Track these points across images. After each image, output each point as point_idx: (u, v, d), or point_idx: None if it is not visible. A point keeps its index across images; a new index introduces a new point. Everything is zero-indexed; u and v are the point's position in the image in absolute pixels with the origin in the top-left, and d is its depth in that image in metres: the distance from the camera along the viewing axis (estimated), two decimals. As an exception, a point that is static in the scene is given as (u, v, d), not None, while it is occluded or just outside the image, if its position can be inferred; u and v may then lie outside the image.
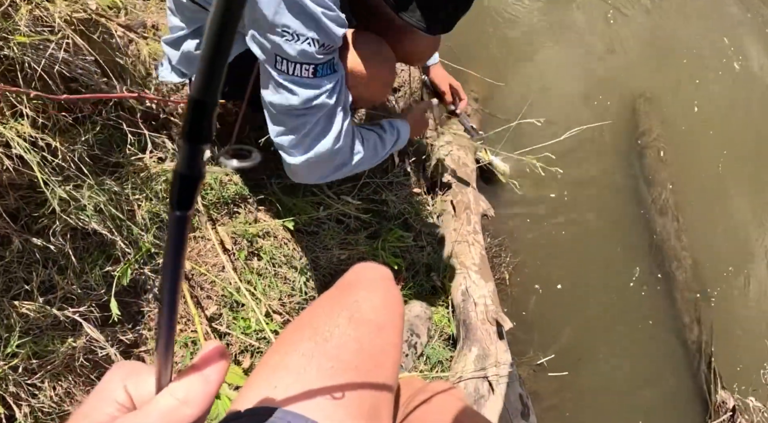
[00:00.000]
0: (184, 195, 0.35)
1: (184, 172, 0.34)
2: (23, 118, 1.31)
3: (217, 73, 0.31)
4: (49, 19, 1.35)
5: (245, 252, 1.76)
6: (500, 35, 2.78)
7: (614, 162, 2.71)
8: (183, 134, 0.33)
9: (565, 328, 2.28)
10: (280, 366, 0.75)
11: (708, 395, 2.36)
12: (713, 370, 2.38)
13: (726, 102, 3.04)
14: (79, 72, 1.45)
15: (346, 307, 0.89)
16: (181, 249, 0.37)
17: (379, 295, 0.94)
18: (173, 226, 0.36)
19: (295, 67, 1.18)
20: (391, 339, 0.89)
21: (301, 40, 1.13)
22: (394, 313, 0.94)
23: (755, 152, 2.98)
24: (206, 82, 0.31)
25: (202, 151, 0.33)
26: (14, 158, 1.26)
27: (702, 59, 3.11)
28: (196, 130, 0.33)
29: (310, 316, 0.90)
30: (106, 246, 1.52)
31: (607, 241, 2.52)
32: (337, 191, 1.93)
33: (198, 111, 0.32)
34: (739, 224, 2.79)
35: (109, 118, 1.55)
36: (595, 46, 2.95)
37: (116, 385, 0.44)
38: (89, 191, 1.43)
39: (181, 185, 0.34)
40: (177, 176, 0.34)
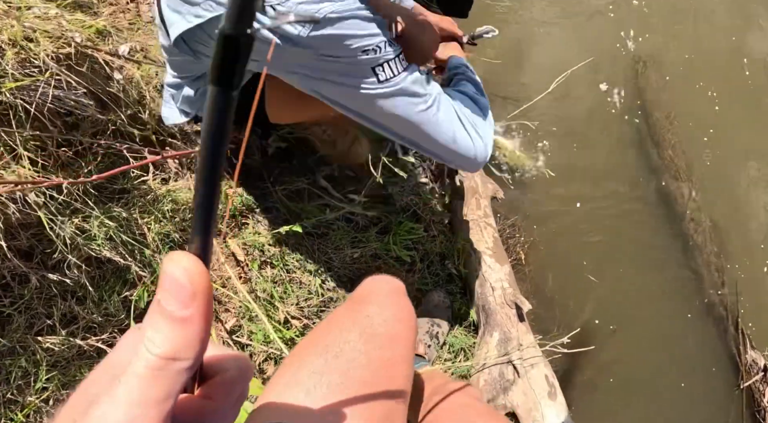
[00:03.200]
0: (229, 63, 0.28)
1: (232, 31, 0.27)
2: (23, 160, 1.34)
3: None
4: (36, 59, 1.37)
5: (258, 262, 1.79)
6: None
7: (621, 130, 2.65)
8: None
9: (587, 302, 2.26)
10: (291, 382, 0.77)
11: (738, 356, 2.32)
12: (741, 331, 2.34)
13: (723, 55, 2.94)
14: (72, 106, 1.47)
15: (357, 323, 0.91)
16: (221, 139, 0.30)
17: (390, 309, 0.96)
18: (213, 107, 0.29)
19: (397, 61, 1.19)
20: (402, 352, 0.90)
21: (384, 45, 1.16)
22: (406, 327, 0.95)
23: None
24: None
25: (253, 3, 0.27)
26: (19, 200, 1.29)
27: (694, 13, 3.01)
28: None
29: (322, 332, 0.92)
30: (121, 272, 1.56)
31: (621, 211, 2.47)
32: (343, 192, 1.94)
33: None
34: (755, 179, 2.70)
35: (109, 147, 1.57)
36: (588, 17, 2.87)
37: (128, 349, 0.38)
38: (98, 221, 1.47)
39: (225, 50, 0.28)
40: (221, 39, 0.28)
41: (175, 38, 1.26)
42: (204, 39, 1.27)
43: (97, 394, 0.33)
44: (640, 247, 2.44)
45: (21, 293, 1.36)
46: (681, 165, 2.59)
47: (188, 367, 0.32)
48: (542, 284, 2.25)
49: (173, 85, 1.52)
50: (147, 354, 0.32)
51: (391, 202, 2.01)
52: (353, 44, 1.13)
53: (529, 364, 1.70)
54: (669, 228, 2.52)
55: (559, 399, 1.65)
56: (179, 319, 0.31)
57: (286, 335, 1.68)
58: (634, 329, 2.28)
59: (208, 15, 1.18)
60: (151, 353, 0.31)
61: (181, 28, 1.23)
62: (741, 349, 2.30)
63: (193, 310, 0.32)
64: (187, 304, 0.31)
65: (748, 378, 2.24)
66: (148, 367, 0.31)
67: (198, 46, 1.31)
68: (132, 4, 1.80)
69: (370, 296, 1.01)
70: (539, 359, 1.71)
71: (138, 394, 0.31)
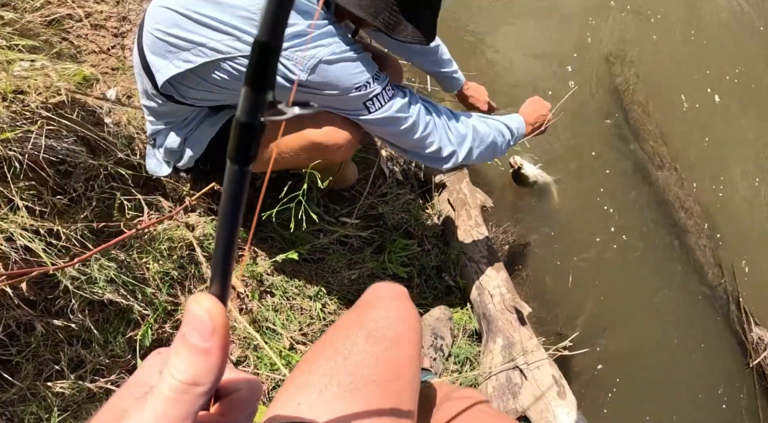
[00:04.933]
0: (245, 146, 0.33)
1: (246, 119, 0.32)
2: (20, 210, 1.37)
3: (284, 16, 0.31)
4: (27, 110, 1.41)
5: (258, 292, 1.81)
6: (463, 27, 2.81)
7: (601, 127, 2.71)
8: (247, 79, 0.32)
9: (587, 298, 2.29)
10: (303, 384, 0.80)
11: (743, 335, 2.35)
12: (743, 310, 2.37)
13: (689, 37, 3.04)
14: (65, 153, 1.51)
15: (364, 326, 0.94)
16: (238, 206, 0.36)
17: (394, 311, 1.00)
18: (232, 181, 0.35)
19: (383, 93, 1.35)
20: (408, 351, 0.93)
21: (372, 80, 1.33)
22: (410, 328, 0.99)
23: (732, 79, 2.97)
24: (272, 23, 0.31)
25: (265, 98, 0.32)
26: (20, 249, 1.32)
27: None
28: (261, 75, 0.32)
29: (331, 337, 0.95)
30: (124, 312, 1.57)
31: (610, 204, 2.53)
32: (336, 215, 1.97)
33: (263, 55, 0.31)
34: (735, 155, 2.77)
35: (102, 191, 1.60)
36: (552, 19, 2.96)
37: (152, 370, 0.44)
38: (97, 264, 1.49)
39: (242, 135, 0.33)
40: (237, 125, 0.33)
41: (162, 83, 1.31)
42: (194, 82, 1.33)
43: (126, 410, 0.39)
44: (635, 241, 2.48)
45: (27, 341, 1.37)
46: (664, 154, 2.65)
47: (207, 391, 0.38)
48: (541, 286, 2.28)
49: (154, 134, 1.58)
50: (171, 379, 0.37)
51: (382, 222, 2.04)
52: (346, 83, 1.28)
53: (535, 367, 1.71)
54: (662, 218, 2.57)
55: (569, 397, 1.67)
56: (201, 350, 0.37)
57: (293, 360, 1.70)
58: (638, 322, 2.31)
59: (199, 61, 1.25)
60: (175, 378, 0.37)
61: (169, 73, 1.29)
62: (746, 328, 2.33)
63: (213, 343, 0.37)
64: (208, 338, 0.37)
65: (756, 355, 2.27)
66: (172, 390, 0.37)
67: (187, 89, 1.36)
68: (114, 50, 1.86)
69: (375, 301, 1.05)
70: (545, 360, 1.73)
71: (163, 413, 0.37)
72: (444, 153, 1.51)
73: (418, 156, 1.53)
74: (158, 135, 1.58)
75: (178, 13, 1.24)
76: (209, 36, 1.22)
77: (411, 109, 1.41)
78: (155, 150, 1.61)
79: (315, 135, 1.44)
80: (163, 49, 1.29)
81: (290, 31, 1.19)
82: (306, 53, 1.22)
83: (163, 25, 1.26)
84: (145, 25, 1.33)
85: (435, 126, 1.47)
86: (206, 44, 1.23)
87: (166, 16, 1.26)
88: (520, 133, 1.71)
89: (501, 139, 1.63)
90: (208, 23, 1.22)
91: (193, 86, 1.35)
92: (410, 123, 1.41)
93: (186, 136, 1.56)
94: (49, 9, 1.66)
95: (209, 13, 1.22)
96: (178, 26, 1.24)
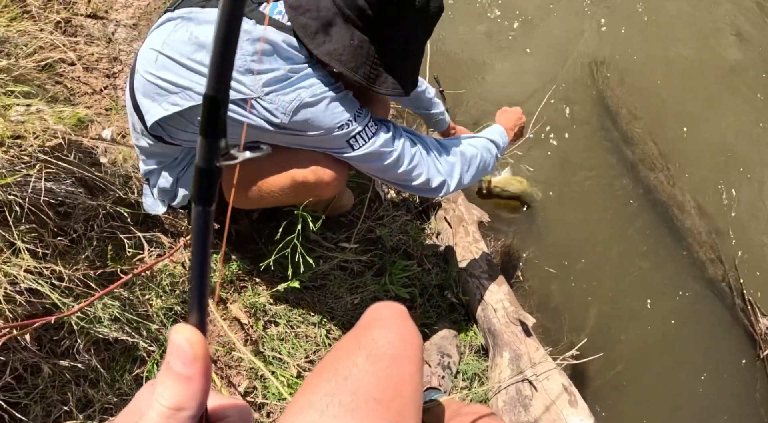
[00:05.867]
0: (205, 189, 0.38)
1: (204, 165, 0.37)
2: (23, 253, 1.38)
3: (227, 70, 0.35)
4: (24, 154, 1.43)
5: (262, 322, 1.81)
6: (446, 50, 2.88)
7: (589, 132, 2.76)
8: (201, 131, 0.36)
9: (591, 304, 2.30)
10: (305, 406, 0.81)
11: (752, 327, 2.35)
12: (748, 302, 2.38)
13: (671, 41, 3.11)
14: (64, 196, 1.52)
15: (364, 346, 0.95)
16: (206, 243, 0.40)
17: (394, 330, 1.00)
18: (197, 221, 0.39)
19: (366, 130, 1.37)
20: (408, 369, 0.94)
21: (354, 118, 1.35)
22: (411, 346, 0.99)
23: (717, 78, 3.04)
24: (217, 78, 0.35)
25: (217, 145, 0.36)
26: (24, 292, 1.32)
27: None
28: (212, 126, 0.36)
29: (331, 359, 0.95)
30: (129, 350, 1.57)
31: (606, 211, 2.56)
32: (334, 241, 1.98)
33: (212, 107, 0.36)
34: (727, 149, 2.80)
35: (102, 231, 1.62)
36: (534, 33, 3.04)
37: (144, 399, 0.46)
38: (101, 304, 1.49)
39: (201, 179, 0.37)
40: (197, 171, 0.37)
41: (151, 124, 1.34)
42: (183, 124, 1.35)
43: None
44: (634, 243, 2.51)
45: (35, 383, 1.36)
46: (656, 155, 2.69)
47: (192, 415, 0.40)
48: (544, 296, 2.29)
49: (147, 173, 1.60)
50: (158, 405, 0.39)
51: (381, 244, 2.06)
52: (328, 123, 1.31)
53: (543, 377, 1.71)
54: (658, 219, 2.60)
55: (580, 405, 1.66)
56: (184, 377, 0.39)
57: (301, 387, 1.69)
58: (645, 324, 2.32)
59: (186, 104, 1.28)
60: (162, 405, 0.39)
61: (157, 115, 1.32)
62: (753, 320, 2.33)
63: (195, 370, 0.39)
64: (190, 366, 0.39)
65: (766, 346, 2.27)
66: (160, 415, 0.39)
67: (176, 131, 1.39)
68: (106, 90, 1.89)
69: (374, 321, 1.05)
70: (553, 370, 1.73)
71: None
72: (433, 184, 1.53)
73: (409, 188, 1.55)
74: (151, 175, 1.60)
75: (167, 57, 1.27)
76: (195, 80, 1.25)
77: (395, 143, 1.43)
78: (150, 189, 1.64)
79: (300, 174, 1.45)
80: (152, 91, 1.33)
81: (272, 76, 1.23)
82: (287, 97, 1.25)
83: (153, 67, 1.30)
84: (137, 66, 1.36)
85: (421, 158, 1.49)
86: (193, 88, 1.26)
87: (156, 59, 1.29)
88: (505, 142, 1.75)
89: (488, 155, 1.65)
90: (194, 68, 1.25)
91: (181, 128, 1.37)
92: (395, 157, 1.43)
93: (178, 176, 1.59)
94: (42, 54, 1.69)
95: (196, 57, 1.25)
96: (166, 69, 1.28)
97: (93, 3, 1.99)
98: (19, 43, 1.66)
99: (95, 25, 1.97)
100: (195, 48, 1.25)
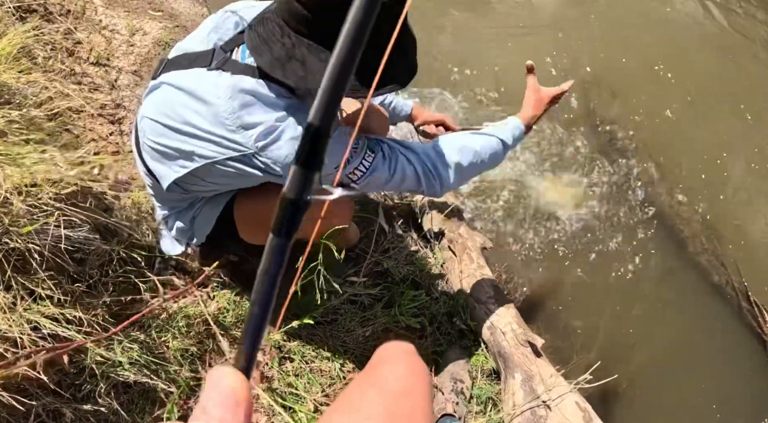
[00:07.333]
0: (289, 221, 0.35)
1: (293, 196, 0.34)
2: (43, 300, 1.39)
3: (335, 104, 0.34)
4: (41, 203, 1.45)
5: (277, 359, 1.82)
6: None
7: (587, 148, 2.83)
8: (297, 159, 0.34)
9: (599, 321, 2.34)
10: None
11: (760, 329, 2.39)
12: (754, 303, 2.43)
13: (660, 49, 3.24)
14: (80, 242, 1.54)
15: (374, 383, 0.98)
16: (276, 278, 0.36)
17: (401, 365, 1.04)
18: (271, 252, 0.36)
19: (363, 162, 1.37)
20: (418, 403, 0.97)
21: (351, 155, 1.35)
22: (419, 380, 1.03)
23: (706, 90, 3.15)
24: (324, 111, 0.33)
25: (312, 178, 0.34)
26: (48, 338, 1.33)
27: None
28: (311, 156, 0.34)
29: (345, 398, 0.99)
30: (148, 392, 1.58)
31: (606, 225, 2.62)
32: (343, 276, 2.02)
33: (315, 138, 0.34)
34: (728, 162, 2.90)
35: (117, 275, 1.63)
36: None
37: None
38: (120, 347, 1.50)
39: (286, 210, 0.35)
40: (284, 201, 0.35)
41: (167, 185, 1.37)
42: (195, 180, 1.39)
43: None
44: (636, 256, 2.57)
45: (58, 430, 1.36)
46: (652, 168, 2.78)
47: None
48: (552, 316, 2.33)
49: (164, 217, 1.63)
50: None
51: (389, 276, 2.09)
52: (328, 166, 1.27)
53: (557, 396, 1.74)
54: (661, 231, 2.66)
55: (595, 422, 1.69)
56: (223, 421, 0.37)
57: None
58: (654, 336, 2.36)
59: (193, 165, 1.31)
60: None
61: (171, 178, 1.36)
62: (760, 320, 2.38)
63: (237, 417, 0.37)
64: (232, 412, 0.37)
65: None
66: None
67: (190, 186, 1.42)
68: (112, 136, 1.93)
69: (384, 359, 1.09)
70: (565, 388, 1.76)
71: None
72: (425, 189, 1.51)
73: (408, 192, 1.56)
74: (168, 218, 1.63)
75: (162, 124, 1.29)
76: (195, 144, 1.27)
77: (391, 166, 1.43)
78: (167, 231, 1.66)
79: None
80: (159, 157, 1.36)
81: (261, 131, 1.22)
82: (281, 152, 1.25)
83: (152, 135, 1.33)
84: (140, 132, 1.39)
85: (416, 173, 1.47)
86: (194, 152, 1.27)
87: (152, 127, 1.32)
88: (517, 136, 1.65)
89: (491, 151, 1.58)
90: (190, 132, 1.26)
91: (195, 183, 1.40)
92: (396, 180, 1.44)
93: (194, 216, 1.61)
94: (52, 103, 1.73)
95: (189, 120, 1.25)
96: (165, 136, 1.30)
97: (95, 51, 2.04)
98: (28, 94, 1.69)
99: (98, 72, 2.02)
100: (186, 109, 1.26)
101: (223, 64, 1.26)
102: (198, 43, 1.34)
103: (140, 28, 2.36)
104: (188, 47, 1.35)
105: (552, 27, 3.25)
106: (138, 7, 2.55)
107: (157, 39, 2.34)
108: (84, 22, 2.24)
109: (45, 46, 2.00)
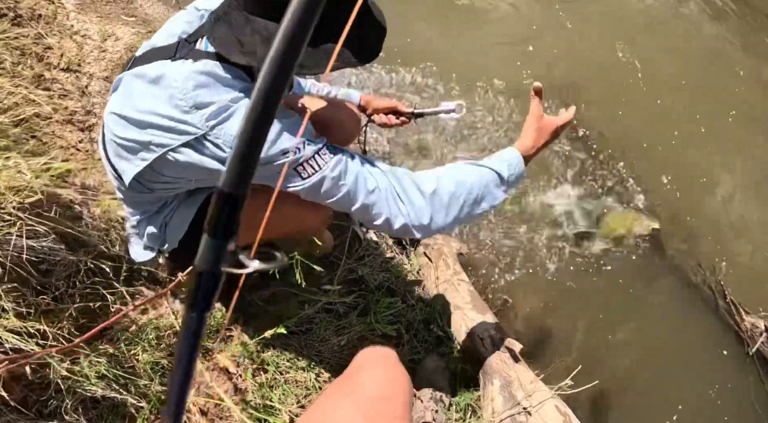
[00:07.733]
0: (203, 294, 0.32)
1: (205, 268, 0.31)
2: (7, 313, 1.34)
3: (251, 167, 0.31)
4: (4, 212, 1.41)
5: (250, 370, 1.78)
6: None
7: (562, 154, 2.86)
8: (208, 228, 0.31)
9: (579, 323, 2.35)
10: None
11: (737, 326, 2.43)
12: (731, 302, 2.47)
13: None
14: (45, 253, 1.50)
15: (351, 392, 0.97)
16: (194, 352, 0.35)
17: (380, 371, 1.03)
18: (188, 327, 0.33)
19: (315, 158, 1.26)
20: (396, 409, 0.96)
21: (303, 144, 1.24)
22: (398, 387, 1.01)
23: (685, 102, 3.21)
24: (239, 175, 0.31)
25: (225, 248, 0.31)
26: (9, 352, 1.28)
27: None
28: (223, 225, 0.31)
29: (316, 409, 0.97)
30: (118, 407, 1.53)
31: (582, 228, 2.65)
32: (318, 284, 1.99)
33: (228, 205, 0.31)
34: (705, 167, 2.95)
35: (84, 287, 1.59)
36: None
37: None
38: (87, 361, 1.46)
39: (202, 283, 0.32)
40: (197, 274, 0.32)
41: (129, 182, 1.35)
42: (154, 176, 1.36)
43: None
44: (614, 260, 2.60)
45: (22, 448, 1.31)
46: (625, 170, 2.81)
47: None
48: (531, 320, 2.33)
49: (135, 224, 1.59)
50: None
51: (364, 284, 2.07)
52: (272, 149, 1.21)
53: (537, 401, 1.73)
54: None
55: (575, 427, 1.69)
56: None
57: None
58: (633, 337, 2.38)
59: (151, 156, 1.28)
60: None
61: (132, 172, 1.33)
62: (737, 319, 2.42)
63: None
64: None
65: (753, 342, 2.35)
66: None
67: (151, 183, 1.39)
68: (82, 144, 1.88)
69: (363, 365, 1.08)
70: (545, 393, 1.75)
71: None
72: (395, 226, 1.35)
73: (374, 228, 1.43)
74: (140, 224, 1.59)
75: (122, 117, 1.28)
76: (151, 133, 1.25)
77: (347, 177, 1.30)
78: (138, 238, 1.62)
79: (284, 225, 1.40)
80: (122, 152, 1.34)
81: (213, 110, 1.19)
82: (232, 130, 1.21)
83: (116, 129, 1.31)
84: (105, 130, 1.37)
85: (379, 196, 1.33)
86: (152, 141, 1.25)
87: (115, 121, 1.31)
88: (516, 172, 1.50)
89: (483, 191, 1.44)
90: (146, 120, 1.24)
91: (154, 180, 1.38)
92: (345, 191, 1.30)
93: (166, 222, 1.58)
94: (17, 109, 1.68)
95: (147, 107, 1.23)
96: (126, 129, 1.29)
97: (65, 56, 2.00)
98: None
99: (68, 78, 1.97)
100: (146, 95, 1.25)
101: (186, 54, 1.26)
102: (164, 38, 1.34)
103: (113, 33, 2.32)
104: (155, 43, 1.35)
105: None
106: (111, 12, 2.50)
107: (129, 45, 2.30)
108: (55, 27, 2.19)
109: (13, 51, 1.95)
